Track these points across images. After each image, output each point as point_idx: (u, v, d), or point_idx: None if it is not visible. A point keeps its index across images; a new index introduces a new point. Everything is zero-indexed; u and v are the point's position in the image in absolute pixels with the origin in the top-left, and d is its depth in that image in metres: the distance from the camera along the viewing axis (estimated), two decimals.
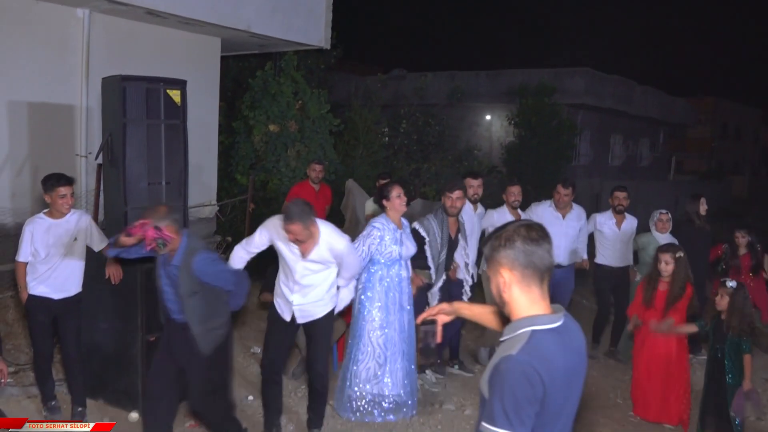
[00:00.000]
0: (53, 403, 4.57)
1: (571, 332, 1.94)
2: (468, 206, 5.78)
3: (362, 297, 4.77)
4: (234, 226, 8.77)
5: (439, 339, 2.43)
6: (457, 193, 5.16)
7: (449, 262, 5.40)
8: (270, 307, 4.40)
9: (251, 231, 8.43)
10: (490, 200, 12.23)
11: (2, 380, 4.04)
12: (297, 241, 4.00)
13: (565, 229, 6.29)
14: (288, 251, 4.12)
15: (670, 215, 6.45)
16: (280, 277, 4.29)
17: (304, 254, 4.10)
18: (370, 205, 7.19)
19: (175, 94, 4.72)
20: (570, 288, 6.48)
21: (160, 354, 3.93)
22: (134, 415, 4.55)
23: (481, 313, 2.43)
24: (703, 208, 6.63)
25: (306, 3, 9.29)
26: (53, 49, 7.49)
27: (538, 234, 1.92)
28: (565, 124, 15.88)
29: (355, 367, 4.70)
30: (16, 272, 4.50)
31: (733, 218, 18.97)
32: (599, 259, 6.64)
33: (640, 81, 21.06)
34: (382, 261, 4.75)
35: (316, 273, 4.17)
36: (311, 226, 3.96)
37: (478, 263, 6.08)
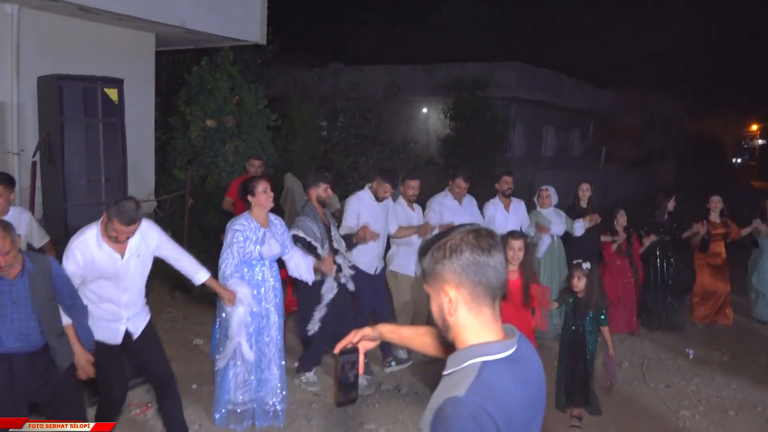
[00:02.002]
0: None
1: (528, 359, 1.65)
2: (369, 196, 5.69)
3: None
4: (174, 221, 8.86)
5: (361, 371, 2.03)
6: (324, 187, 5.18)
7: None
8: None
9: (190, 226, 8.61)
10: (429, 192, 12.67)
11: None
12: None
13: (515, 221, 6.63)
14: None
15: (550, 191, 6.90)
16: None
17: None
18: (336, 200, 7.42)
19: (112, 93, 4.87)
20: None
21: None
22: None
23: (412, 337, 2.08)
24: (582, 193, 7.11)
25: (241, 1, 9.44)
26: None
27: (489, 242, 1.60)
28: (498, 117, 16.47)
29: (226, 375, 4.52)
30: None
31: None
32: None
33: (570, 74, 21.95)
34: (244, 261, 4.50)
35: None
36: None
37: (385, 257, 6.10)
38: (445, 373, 1.61)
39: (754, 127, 49.06)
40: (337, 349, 2.01)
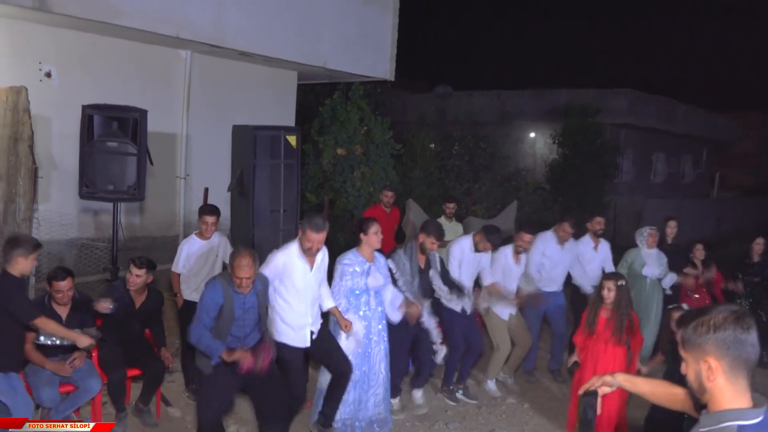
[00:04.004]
0: (194, 385, 5.85)
1: None
2: (470, 245, 6.24)
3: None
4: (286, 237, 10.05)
5: (599, 411, 2.43)
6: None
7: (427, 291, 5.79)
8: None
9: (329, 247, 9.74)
10: (536, 216, 13.33)
11: (169, 365, 5.37)
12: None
13: (600, 260, 7.16)
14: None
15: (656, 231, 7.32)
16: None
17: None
18: (444, 225, 8.16)
19: (292, 139, 5.99)
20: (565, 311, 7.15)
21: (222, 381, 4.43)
22: None
23: (646, 388, 2.50)
24: (670, 230, 7.55)
25: (373, 39, 10.60)
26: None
27: (749, 322, 1.88)
28: (608, 144, 16.84)
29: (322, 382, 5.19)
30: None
31: None
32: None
33: (684, 99, 21.89)
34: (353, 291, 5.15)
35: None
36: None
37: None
38: (701, 430, 1.89)
39: None
40: (580, 391, 2.55)
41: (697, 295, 7.42)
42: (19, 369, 4.51)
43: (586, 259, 7.14)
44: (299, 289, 4.80)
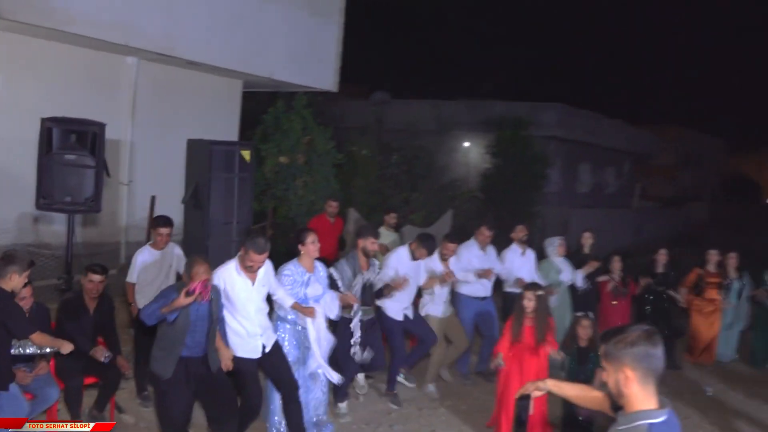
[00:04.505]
0: (146, 393, 6.05)
1: (675, 424, 2.36)
2: (407, 254, 6.60)
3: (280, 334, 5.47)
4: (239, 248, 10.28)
5: (531, 412, 3.15)
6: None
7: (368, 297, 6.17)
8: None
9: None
10: (471, 224, 13.94)
11: (125, 372, 5.57)
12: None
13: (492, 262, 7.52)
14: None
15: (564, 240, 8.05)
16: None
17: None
18: (385, 234, 8.55)
19: (246, 154, 6.29)
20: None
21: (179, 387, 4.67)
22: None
23: (576, 395, 2.98)
24: (585, 241, 8.29)
25: (319, 52, 10.96)
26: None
27: (657, 340, 2.36)
28: (538, 156, 17.70)
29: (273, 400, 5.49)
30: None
31: (692, 243, 20.90)
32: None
33: (609, 113, 23.17)
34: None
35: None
36: None
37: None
38: (619, 428, 2.38)
39: None
40: (516, 396, 3.09)
41: (615, 302, 8.14)
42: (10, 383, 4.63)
43: (516, 266, 7.68)
44: (243, 303, 5.08)
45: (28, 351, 4.68)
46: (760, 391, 7.73)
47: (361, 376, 6.60)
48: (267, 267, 5.23)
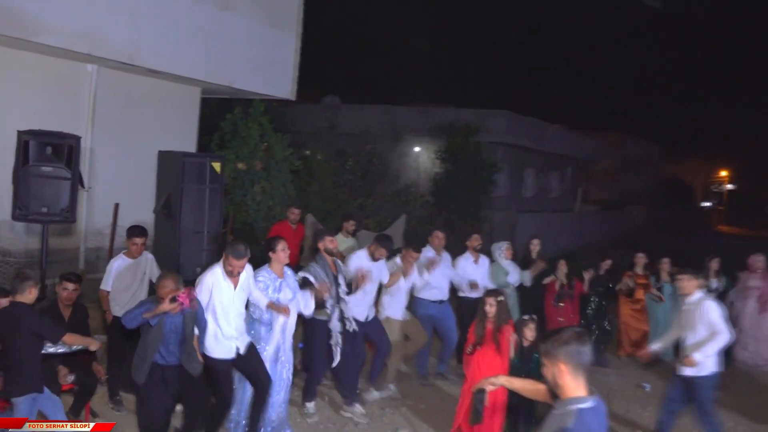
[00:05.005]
0: (118, 397, 6.26)
1: (601, 410, 2.87)
2: (366, 256, 6.97)
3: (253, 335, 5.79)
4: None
5: (486, 404, 3.63)
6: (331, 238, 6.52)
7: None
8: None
9: None
10: (424, 228, 14.45)
11: (101, 378, 5.79)
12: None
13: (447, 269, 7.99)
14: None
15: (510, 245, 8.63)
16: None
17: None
18: (342, 241, 8.90)
19: (217, 165, 6.56)
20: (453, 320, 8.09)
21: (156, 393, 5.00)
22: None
23: (524, 388, 3.54)
24: (533, 247, 8.88)
25: (278, 61, 11.24)
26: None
27: (585, 339, 2.89)
28: (487, 161, 18.37)
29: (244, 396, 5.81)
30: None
31: (631, 245, 21.93)
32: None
33: (553, 120, 24.15)
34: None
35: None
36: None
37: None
38: (555, 412, 2.90)
39: (723, 173, 52.30)
40: (473, 389, 3.70)
41: (561, 304, 8.73)
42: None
43: (468, 273, 8.16)
44: (225, 306, 5.40)
45: (59, 350, 5.06)
46: None
47: (358, 406, 6.78)
48: (248, 272, 5.56)
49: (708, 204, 51.82)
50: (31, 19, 7.47)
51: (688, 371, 5.89)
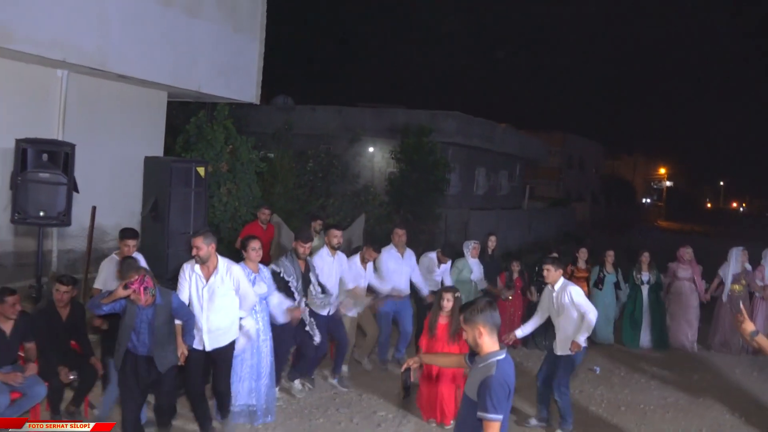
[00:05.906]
0: None
1: (510, 358, 3.62)
2: (327, 252, 7.59)
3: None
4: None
5: (413, 379, 4.47)
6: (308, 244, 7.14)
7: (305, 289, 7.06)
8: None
9: None
10: (380, 225, 15.11)
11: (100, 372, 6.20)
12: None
13: (408, 266, 8.65)
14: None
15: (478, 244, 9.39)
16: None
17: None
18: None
19: (201, 170, 7.04)
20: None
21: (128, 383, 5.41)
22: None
23: (437, 358, 4.70)
24: (491, 244, 9.68)
25: (242, 66, 11.68)
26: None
27: (495, 306, 3.69)
28: (440, 161, 19.15)
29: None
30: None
31: (576, 240, 23.03)
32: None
33: (501, 121, 25.16)
34: None
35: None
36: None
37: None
38: (479, 365, 3.59)
39: (662, 170, 54.83)
40: (402, 369, 4.43)
41: (510, 297, 9.48)
42: None
43: (432, 271, 8.90)
44: (192, 297, 5.83)
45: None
46: (641, 366, 9.34)
47: (297, 382, 7.42)
48: (229, 272, 6.04)
49: (648, 200, 54.25)
50: (2, 27, 7.73)
51: (561, 351, 6.59)
